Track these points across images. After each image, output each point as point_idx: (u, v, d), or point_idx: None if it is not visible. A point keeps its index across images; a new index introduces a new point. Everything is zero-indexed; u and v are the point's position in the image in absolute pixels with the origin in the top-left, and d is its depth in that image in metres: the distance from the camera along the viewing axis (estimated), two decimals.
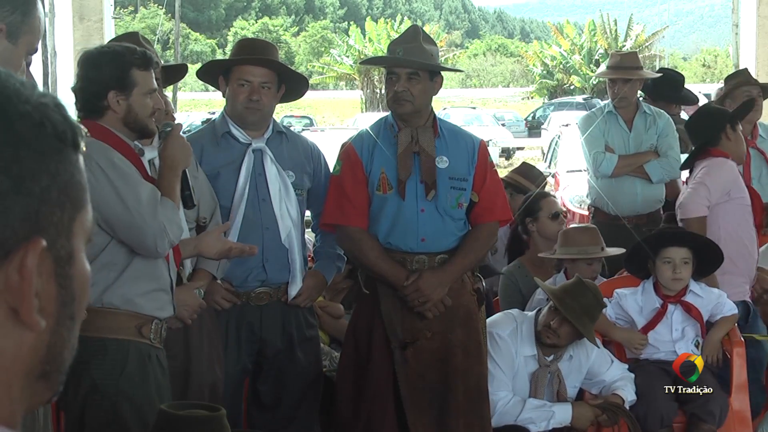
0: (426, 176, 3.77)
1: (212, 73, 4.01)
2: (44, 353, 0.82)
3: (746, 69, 6.68)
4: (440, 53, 4.13)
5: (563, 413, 3.96)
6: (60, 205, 0.80)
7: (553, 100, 41.84)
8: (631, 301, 4.37)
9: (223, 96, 3.98)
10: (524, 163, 6.42)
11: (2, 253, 0.76)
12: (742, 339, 4.43)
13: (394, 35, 31.82)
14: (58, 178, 0.79)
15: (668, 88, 6.14)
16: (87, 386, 2.94)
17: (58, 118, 0.80)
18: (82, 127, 0.85)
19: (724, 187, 4.61)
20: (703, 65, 69.65)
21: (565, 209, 6.18)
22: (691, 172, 4.85)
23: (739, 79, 5.86)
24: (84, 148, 0.84)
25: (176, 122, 3.31)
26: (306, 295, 3.94)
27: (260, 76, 3.84)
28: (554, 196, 5.56)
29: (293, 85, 4.01)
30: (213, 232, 3.46)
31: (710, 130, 4.73)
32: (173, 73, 3.93)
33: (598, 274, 4.65)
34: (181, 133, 3.24)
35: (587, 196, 6.19)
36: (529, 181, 5.54)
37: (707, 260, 4.35)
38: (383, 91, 5.46)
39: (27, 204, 0.77)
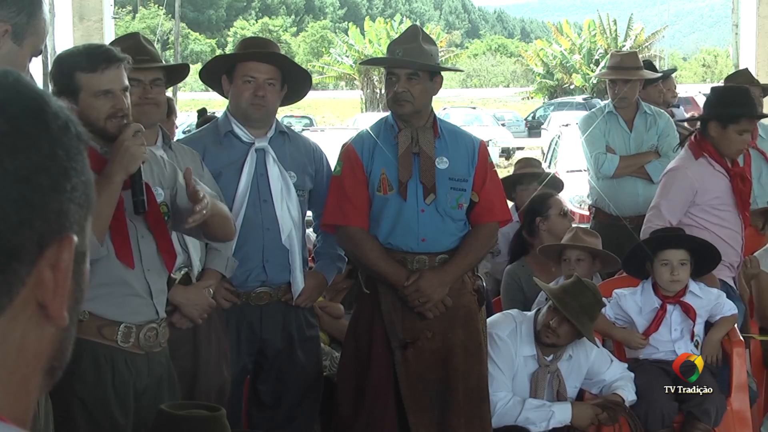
0: (425, 179, 3.77)
1: (214, 73, 3.99)
2: (56, 349, 0.83)
3: (747, 69, 6.68)
4: (440, 53, 4.13)
5: (563, 413, 3.96)
6: (81, 203, 0.82)
7: (553, 100, 41.79)
8: (630, 302, 4.36)
9: (226, 96, 3.97)
10: (523, 158, 6.52)
11: (38, 249, 0.78)
12: (742, 339, 4.43)
13: (394, 35, 31.82)
14: (82, 177, 0.82)
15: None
16: None
17: (74, 119, 0.83)
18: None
19: (684, 200, 4.55)
20: (703, 65, 69.65)
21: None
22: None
23: (741, 79, 5.85)
24: None
25: (133, 123, 2.91)
26: (306, 296, 3.93)
27: (265, 72, 3.83)
28: (558, 195, 5.57)
29: (295, 85, 4.01)
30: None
31: (708, 110, 4.66)
32: (175, 74, 3.92)
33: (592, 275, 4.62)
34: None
35: (588, 197, 6.19)
36: (533, 167, 5.78)
37: (705, 260, 4.35)
38: (383, 91, 5.46)
39: (60, 201, 0.79)
